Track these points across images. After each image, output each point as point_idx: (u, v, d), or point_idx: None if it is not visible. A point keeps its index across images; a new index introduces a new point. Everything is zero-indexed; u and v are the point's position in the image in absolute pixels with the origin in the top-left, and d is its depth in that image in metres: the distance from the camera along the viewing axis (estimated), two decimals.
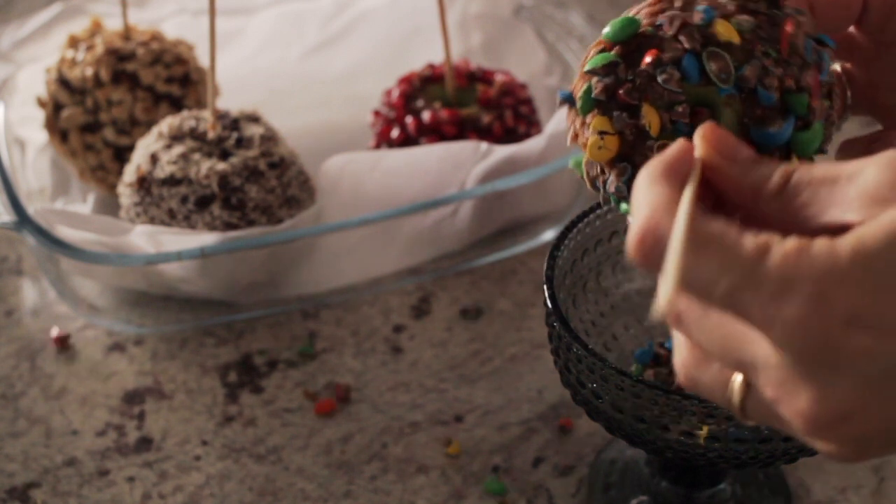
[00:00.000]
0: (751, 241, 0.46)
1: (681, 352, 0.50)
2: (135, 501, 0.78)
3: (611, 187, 0.57)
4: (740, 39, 0.54)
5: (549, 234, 0.94)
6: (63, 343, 0.88)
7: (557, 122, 0.92)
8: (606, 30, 0.56)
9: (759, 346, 0.46)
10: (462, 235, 0.93)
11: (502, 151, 0.89)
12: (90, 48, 0.94)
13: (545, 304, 0.66)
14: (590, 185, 0.58)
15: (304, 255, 0.90)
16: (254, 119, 0.90)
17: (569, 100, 0.58)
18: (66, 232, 0.84)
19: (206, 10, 1.02)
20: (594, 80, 0.56)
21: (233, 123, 0.89)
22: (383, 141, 0.95)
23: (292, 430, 0.82)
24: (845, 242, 0.45)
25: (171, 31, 1.02)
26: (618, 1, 1.17)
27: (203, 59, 0.97)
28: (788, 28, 0.55)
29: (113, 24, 0.98)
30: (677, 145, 0.51)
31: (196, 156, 0.87)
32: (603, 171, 0.57)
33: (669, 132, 0.55)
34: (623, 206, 0.57)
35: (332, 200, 0.90)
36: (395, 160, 0.90)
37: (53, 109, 0.95)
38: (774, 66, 0.54)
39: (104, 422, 0.83)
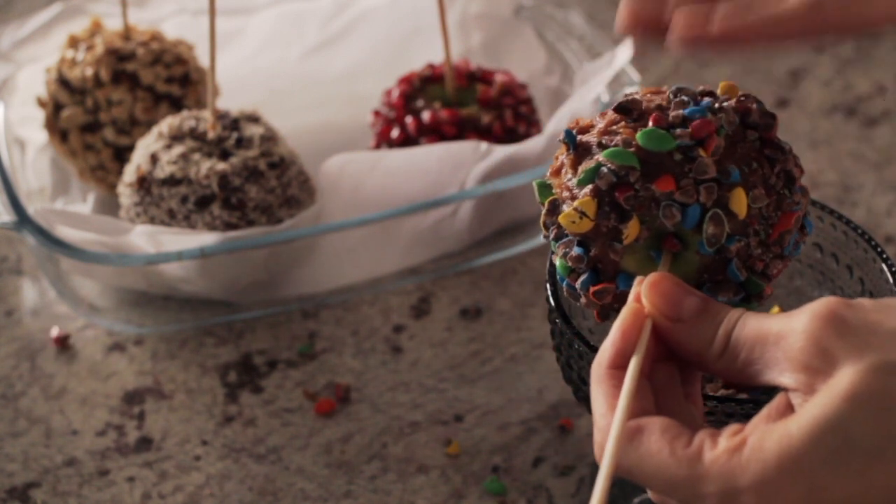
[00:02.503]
0: (681, 453, 0.49)
1: None
2: (135, 501, 0.78)
3: (558, 250, 0.59)
4: (745, 215, 0.56)
5: None
6: (63, 343, 0.88)
7: (557, 121, 0.92)
8: (642, 132, 0.56)
9: None
10: (462, 235, 0.93)
11: (502, 151, 0.89)
12: (90, 48, 0.94)
13: (547, 300, 0.66)
14: (542, 219, 0.59)
15: (304, 255, 0.90)
16: (254, 119, 0.90)
17: (571, 141, 0.58)
18: (66, 232, 0.84)
19: (206, 10, 1.02)
20: (605, 169, 0.56)
21: (233, 123, 0.89)
22: (383, 141, 0.95)
23: (292, 430, 0.82)
24: (772, 444, 0.48)
25: (171, 31, 1.02)
26: (619, 1, 1.17)
27: (203, 59, 0.97)
28: (789, 223, 0.58)
29: (113, 24, 0.98)
30: (626, 314, 0.54)
31: (196, 156, 0.87)
32: (559, 227, 0.58)
33: (638, 245, 0.57)
34: (559, 263, 0.59)
35: (332, 200, 0.90)
36: (395, 160, 0.90)
37: (53, 109, 0.95)
38: (756, 247, 0.57)
39: (104, 422, 0.83)
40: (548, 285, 0.66)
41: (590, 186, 0.57)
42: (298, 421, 0.83)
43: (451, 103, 0.96)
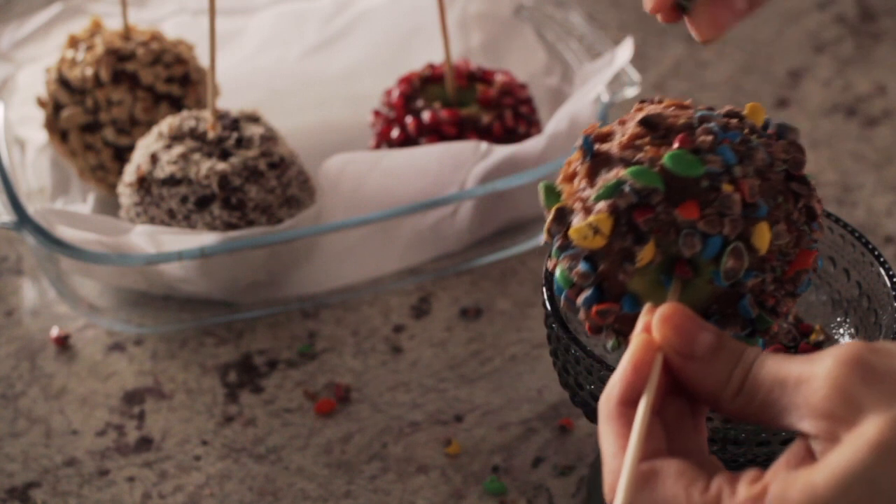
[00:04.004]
0: (698, 499, 0.48)
1: None
2: (135, 501, 0.78)
3: (562, 261, 0.57)
4: (766, 251, 0.54)
5: None
6: (63, 343, 0.88)
7: (557, 122, 0.92)
8: (669, 154, 0.54)
9: None
10: (462, 235, 0.93)
11: (502, 151, 0.89)
12: (90, 48, 0.94)
13: (544, 305, 0.65)
14: (548, 225, 0.57)
15: (304, 255, 0.90)
16: (254, 119, 0.90)
17: (588, 149, 0.56)
18: (66, 232, 0.84)
19: (206, 10, 1.02)
20: (626, 188, 0.54)
21: (233, 123, 0.89)
22: (383, 141, 0.95)
23: (292, 430, 0.82)
24: (796, 494, 0.46)
25: (171, 31, 1.02)
26: (619, 1, 1.17)
27: (203, 59, 0.97)
28: (807, 261, 0.56)
29: (113, 24, 0.98)
30: (637, 346, 0.52)
31: (196, 156, 0.87)
32: (566, 238, 0.56)
33: (649, 268, 0.55)
34: (559, 273, 0.57)
35: (332, 200, 0.90)
36: (395, 160, 0.90)
37: (53, 109, 0.95)
38: (771, 283, 0.55)
39: (104, 422, 0.83)
40: (544, 290, 0.65)
41: (608, 203, 0.54)
42: (298, 421, 0.83)
43: (451, 103, 0.96)
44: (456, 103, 0.96)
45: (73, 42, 0.96)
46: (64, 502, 0.78)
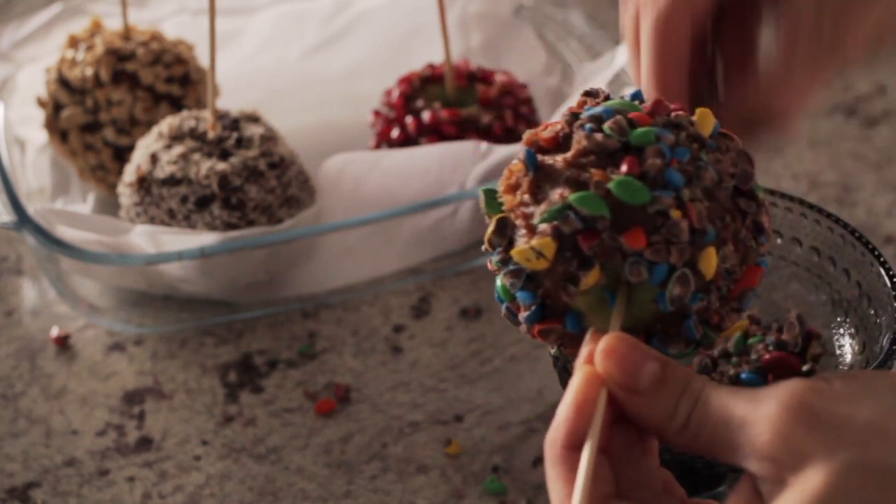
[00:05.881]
0: None
1: None
2: (135, 501, 0.78)
3: (503, 277, 0.56)
4: (713, 275, 0.53)
5: None
6: (63, 343, 0.88)
7: None
8: (616, 180, 0.52)
9: None
10: (462, 235, 0.93)
11: (502, 151, 0.89)
12: (90, 48, 0.94)
13: None
14: (488, 236, 0.56)
15: (304, 255, 0.90)
16: (254, 119, 0.90)
17: (531, 163, 0.54)
18: (66, 232, 0.84)
19: (206, 10, 1.02)
20: (571, 214, 0.52)
21: (233, 123, 0.89)
22: (383, 141, 0.95)
23: (292, 430, 0.82)
24: None
25: (171, 31, 1.02)
26: (618, 1, 1.17)
27: (203, 59, 0.97)
28: (752, 281, 0.55)
29: (113, 24, 0.98)
30: (579, 383, 0.51)
31: (196, 156, 0.87)
32: (507, 253, 0.55)
33: (592, 291, 0.53)
34: (499, 285, 0.56)
35: (332, 200, 0.90)
36: (395, 160, 0.90)
37: (53, 109, 0.95)
38: (716, 302, 0.54)
39: (104, 422, 0.83)
40: None
41: (552, 226, 0.53)
42: (298, 421, 0.83)
43: (451, 103, 0.96)
44: (456, 103, 0.96)
45: (73, 42, 0.96)
46: (64, 502, 0.78)
